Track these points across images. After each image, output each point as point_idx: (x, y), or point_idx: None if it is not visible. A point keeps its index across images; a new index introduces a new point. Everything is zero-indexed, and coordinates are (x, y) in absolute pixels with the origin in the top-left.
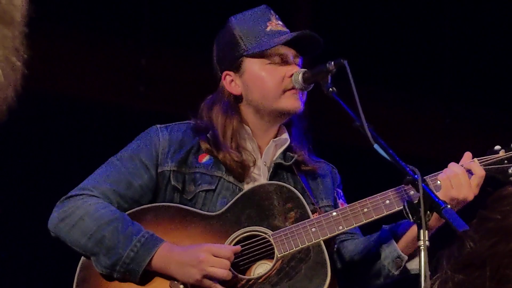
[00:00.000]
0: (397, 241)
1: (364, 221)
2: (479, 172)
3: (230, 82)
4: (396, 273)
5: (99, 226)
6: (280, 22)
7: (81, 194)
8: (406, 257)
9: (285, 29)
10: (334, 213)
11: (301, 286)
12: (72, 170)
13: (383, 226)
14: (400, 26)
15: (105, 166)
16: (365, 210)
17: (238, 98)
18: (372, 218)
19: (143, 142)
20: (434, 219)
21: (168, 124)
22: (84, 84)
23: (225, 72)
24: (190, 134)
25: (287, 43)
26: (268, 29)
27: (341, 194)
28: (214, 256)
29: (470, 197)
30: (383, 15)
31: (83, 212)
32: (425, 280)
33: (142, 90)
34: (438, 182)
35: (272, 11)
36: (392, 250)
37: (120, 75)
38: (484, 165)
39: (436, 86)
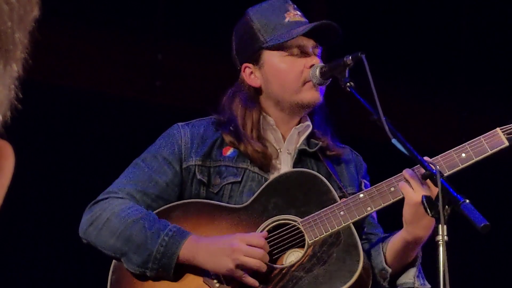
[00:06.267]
0: (387, 252)
1: (392, 200)
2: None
3: (250, 74)
4: (384, 284)
5: (126, 225)
6: (298, 12)
7: (107, 198)
8: (389, 270)
9: (303, 19)
10: (361, 195)
11: (335, 269)
12: (91, 164)
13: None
14: (416, 19)
15: (129, 168)
16: (392, 189)
17: (258, 90)
18: (400, 197)
19: (165, 141)
20: (422, 229)
21: (188, 121)
22: (101, 79)
23: (244, 64)
24: (212, 128)
25: (306, 34)
26: (286, 20)
27: (369, 186)
28: (247, 245)
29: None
30: (399, 8)
31: (109, 214)
32: (443, 276)
33: (159, 85)
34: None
35: (290, 1)
36: (379, 261)
37: (136, 70)
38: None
39: (453, 79)
